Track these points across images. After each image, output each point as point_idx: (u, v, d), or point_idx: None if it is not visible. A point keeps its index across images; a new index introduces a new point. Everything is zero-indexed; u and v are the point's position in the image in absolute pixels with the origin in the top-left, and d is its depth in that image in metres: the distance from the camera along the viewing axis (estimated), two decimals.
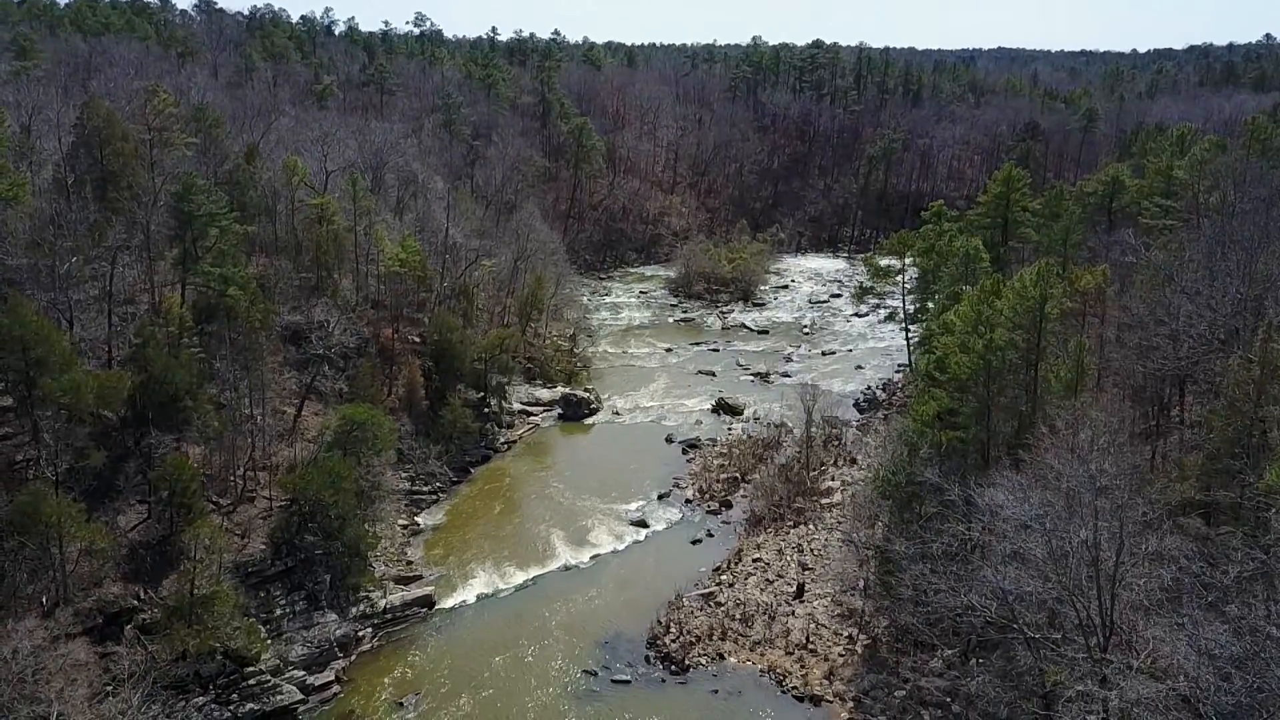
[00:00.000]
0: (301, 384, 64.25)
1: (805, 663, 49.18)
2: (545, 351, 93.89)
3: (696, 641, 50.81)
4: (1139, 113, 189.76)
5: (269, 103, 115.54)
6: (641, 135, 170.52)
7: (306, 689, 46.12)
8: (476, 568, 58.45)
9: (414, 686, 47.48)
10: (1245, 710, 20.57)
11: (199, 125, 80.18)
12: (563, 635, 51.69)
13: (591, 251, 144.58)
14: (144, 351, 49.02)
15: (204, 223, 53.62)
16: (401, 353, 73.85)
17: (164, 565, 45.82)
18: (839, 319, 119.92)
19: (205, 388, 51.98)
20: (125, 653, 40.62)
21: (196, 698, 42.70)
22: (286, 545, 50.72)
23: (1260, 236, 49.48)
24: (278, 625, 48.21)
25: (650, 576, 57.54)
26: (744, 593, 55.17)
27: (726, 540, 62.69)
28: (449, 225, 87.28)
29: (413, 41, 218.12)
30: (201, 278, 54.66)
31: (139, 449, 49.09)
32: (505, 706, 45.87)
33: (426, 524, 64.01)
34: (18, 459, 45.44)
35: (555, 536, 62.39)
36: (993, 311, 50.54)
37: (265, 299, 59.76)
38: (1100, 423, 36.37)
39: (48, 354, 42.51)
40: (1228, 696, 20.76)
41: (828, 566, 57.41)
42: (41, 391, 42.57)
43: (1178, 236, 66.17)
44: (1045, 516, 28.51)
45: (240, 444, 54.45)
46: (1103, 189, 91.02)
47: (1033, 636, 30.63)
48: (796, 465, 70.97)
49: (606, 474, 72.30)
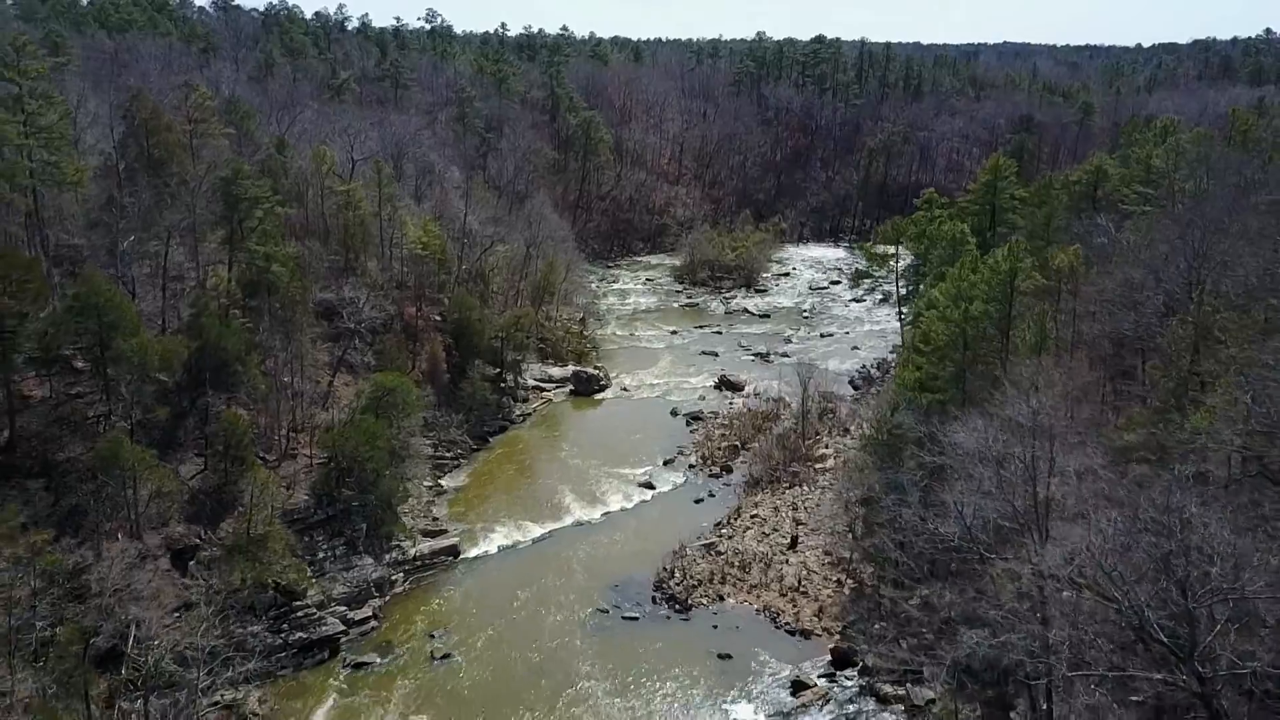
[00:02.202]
0: (333, 356, 69.41)
1: (797, 603, 54.27)
2: (557, 332, 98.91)
3: (698, 585, 55.92)
4: (1136, 106, 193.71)
5: (290, 97, 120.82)
6: (648, 128, 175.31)
7: (347, 622, 51.31)
8: (497, 523, 63.59)
9: (443, 622, 52.65)
10: (1133, 577, 25.51)
11: (231, 118, 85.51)
12: (577, 580, 56.82)
13: (599, 241, 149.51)
14: (199, 320, 54.22)
15: (250, 205, 58.66)
16: (424, 329, 78.96)
17: (220, 510, 51.03)
18: (838, 304, 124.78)
19: (252, 355, 57.10)
20: (190, 582, 45.82)
21: (253, 625, 47.90)
22: (326, 497, 55.91)
23: (1211, 218, 54.03)
24: (320, 567, 53.43)
25: (656, 530, 62.60)
26: (742, 544, 60.27)
27: (727, 500, 67.73)
28: (467, 212, 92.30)
29: (424, 37, 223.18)
30: (247, 255, 59.74)
31: (194, 408, 54.32)
32: (525, 639, 50.98)
33: (450, 486, 69.19)
34: (89, 415, 50.67)
35: (568, 496, 67.51)
36: (969, 285, 55.44)
37: (301, 276, 64.85)
38: (1052, 374, 41.27)
39: (120, 319, 47.67)
40: (1122, 567, 25.68)
41: (820, 522, 62.43)
42: (114, 352, 47.73)
43: (1148, 220, 70.74)
44: (993, 446, 33.43)
45: (282, 407, 59.62)
46: (1087, 178, 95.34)
47: (987, 555, 35.58)
48: (793, 435, 75.98)
49: (615, 443, 77.35)
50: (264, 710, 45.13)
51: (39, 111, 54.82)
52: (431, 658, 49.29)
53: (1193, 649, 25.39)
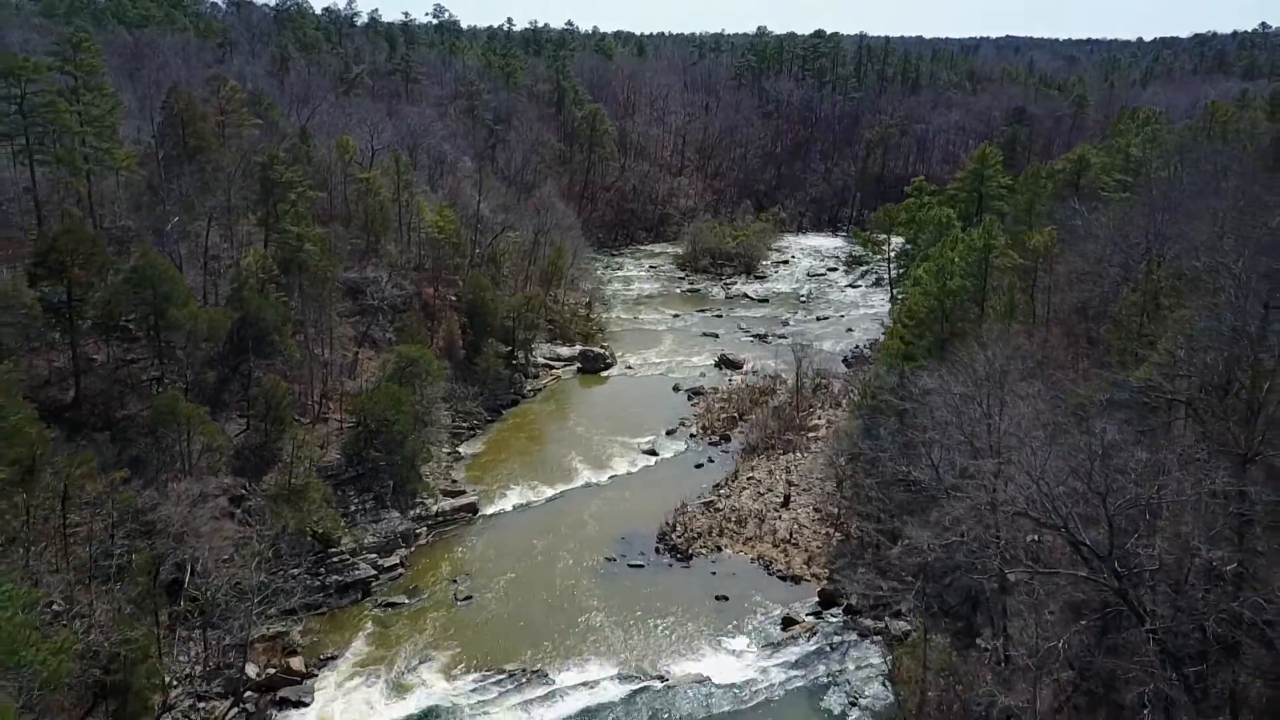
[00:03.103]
0: (358, 331, 74.37)
1: (789, 553, 59.16)
2: (564, 315, 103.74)
3: (698, 537, 60.82)
4: (1129, 99, 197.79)
5: (306, 90, 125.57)
6: (651, 121, 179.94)
7: (378, 568, 56.27)
8: (511, 484, 68.49)
9: (464, 569, 57.57)
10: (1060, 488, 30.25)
11: (256, 109, 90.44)
12: (586, 533, 61.73)
13: (604, 230, 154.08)
14: (240, 294, 59.12)
15: (284, 189, 63.50)
16: (441, 308, 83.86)
17: (262, 465, 56.03)
18: (834, 290, 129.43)
19: (287, 326, 62.02)
20: (239, 527, 50.81)
21: (294, 569, 52.83)
22: (356, 456, 60.85)
23: (1174, 200, 58.67)
24: (352, 519, 58.40)
25: (660, 491, 67.42)
26: (739, 502, 65.15)
27: (725, 465, 72.58)
28: (480, 199, 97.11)
29: (432, 32, 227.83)
30: (281, 235, 64.61)
31: (237, 374, 59.28)
32: (539, 583, 55.90)
33: (467, 453, 74.08)
34: (143, 378, 55.64)
35: (578, 461, 72.40)
36: (949, 262, 60.24)
37: (329, 256, 69.76)
38: (1017, 336, 46.04)
39: (173, 290, 52.58)
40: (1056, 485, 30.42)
41: (810, 483, 67.28)
42: (168, 320, 52.64)
43: (1121, 203, 75.35)
44: (953, 388, 38.15)
45: (314, 375, 64.56)
46: (1070, 167, 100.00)
47: (953, 492, 40.36)
48: (788, 407, 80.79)
49: (621, 415, 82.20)
50: (306, 641, 50.10)
51: (92, 103, 59.58)
52: (454, 599, 54.21)
53: (1110, 550, 30.16)
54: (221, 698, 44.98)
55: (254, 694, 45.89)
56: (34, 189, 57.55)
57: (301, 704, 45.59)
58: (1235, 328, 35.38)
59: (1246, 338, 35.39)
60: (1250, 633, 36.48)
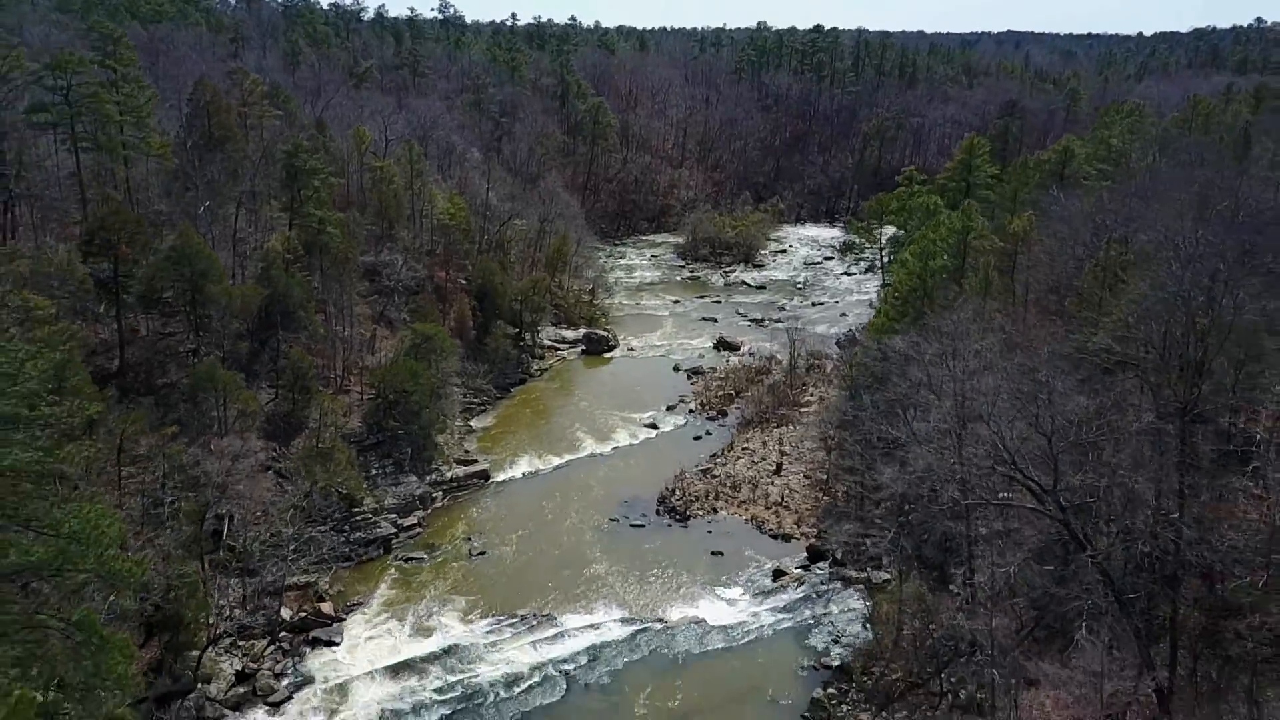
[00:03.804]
0: (375, 310, 78.61)
1: (780, 514, 63.44)
2: (569, 300, 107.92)
3: (695, 501, 65.11)
4: (1122, 93, 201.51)
5: (317, 83, 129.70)
6: (652, 114, 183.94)
7: (398, 527, 60.57)
8: (520, 455, 72.76)
9: (478, 529, 61.86)
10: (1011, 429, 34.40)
11: (274, 101, 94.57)
12: (591, 497, 66.01)
13: (607, 221, 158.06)
14: (269, 272, 63.34)
15: (308, 175, 67.68)
16: (452, 291, 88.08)
17: (291, 431, 60.33)
18: (830, 277, 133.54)
19: (311, 303, 66.27)
20: (272, 484, 55.14)
21: (320, 526, 57.16)
22: (376, 425, 65.14)
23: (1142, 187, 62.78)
24: (374, 482, 62.68)
25: (660, 461, 71.67)
26: (734, 470, 69.40)
27: (722, 437, 76.80)
28: (488, 187, 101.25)
29: (437, 26, 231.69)
30: (305, 219, 68.81)
31: (265, 347, 63.55)
32: (547, 541, 60.21)
33: (478, 426, 78.36)
34: (180, 350, 59.92)
35: (583, 434, 76.66)
36: (931, 243, 64.37)
37: (348, 239, 73.96)
38: (990, 311, 50.17)
39: (209, 267, 56.83)
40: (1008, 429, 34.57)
41: (801, 452, 71.51)
42: (205, 296, 56.91)
43: (1096, 190, 79.41)
44: (924, 351, 42.32)
45: (336, 349, 68.81)
46: (1056, 157, 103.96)
47: (925, 442, 44.56)
48: (782, 385, 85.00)
49: (623, 393, 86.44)
50: (334, 590, 54.39)
51: (130, 94, 63.78)
52: (469, 554, 58.53)
53: (1055, 484, 34.35)
54: (259, 636, 49.32)
55: (288, 634, 50.18)
56: (79, 174, 61.78)
57: (332, 643, 49.91)
58: (1175, 294, 39.55)
59: (1185, 303, 39.59)
60: (1190, 570, 40.89)
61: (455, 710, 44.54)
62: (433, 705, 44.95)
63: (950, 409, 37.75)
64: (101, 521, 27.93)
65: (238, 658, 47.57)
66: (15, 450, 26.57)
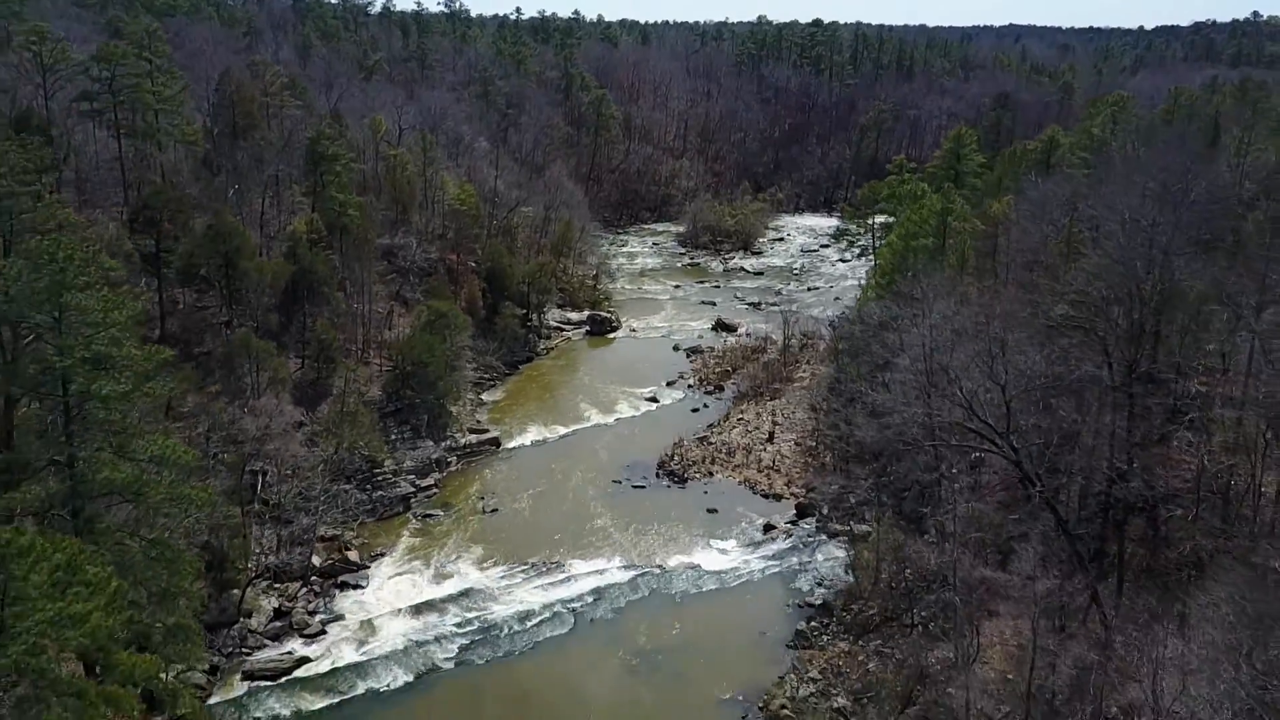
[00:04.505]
0: (391, 290, 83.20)
1: (771, 477, 68.04)
2: (574, 284, 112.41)
3: (693, 465, 69.73)
4: (1115, 86, 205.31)
5: (329, 76, 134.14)
6: (654, 106, 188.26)
7: (416, 487, 65.20)
8: (529, 425, 77.37)
9: (490, 489, 66.51)
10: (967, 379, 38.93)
11: (293, 92, 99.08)
12: (596, 462, 70.64)
13: (610, 210, 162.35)
14: (295, 251, 67.93)
15: (330, 161, 72.23)
16: (463, 273, 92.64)
17: (317, 397, 64.99)
18: (826, 264, 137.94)
19: (334, 280, 70.88)
20: (304, 441, 59.83)
21: (345, 484, 61.83)
22: (395, 394, 69.78)
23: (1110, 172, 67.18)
24: (393, 446, 67.32)
25: (660, 431, 76.22)
26: (729, 437, 74.01)
27: (718, 410, 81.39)
28: (497, 175, 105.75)
29: (444, 20, 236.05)
30: (327, 202, 73.38)
31: (293, 320, 68.18)
32: (555, 499, 64.86)
33: (488, 399, 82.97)
34: (215, 321, 64.59)
35: (587, 407, 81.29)
36: (913, 225, 68.86)
37: (368, 221, 78.55)
38: (966, 286, 54.67)
39: (242, 244, 61.47)
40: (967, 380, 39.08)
41: (793, 422, 76.09)
42: (238, 271, 61.53)
43: (1074, 175, 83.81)
44: (899, 317, 46.87)
45: (356, 324, 73.43)
46: (1041, 146, 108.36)
47: (898, 398, 49.13)
48: (776, 362, 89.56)
49: (626, 370, 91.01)
50: (359, 542, 59.11)
51: (164, 84, 68.35)
52: (483, 511, 63.17)
53: (1008, 428, 38.88)
54: (293, 580, 54.00)
55: (318, 579, 54.87)
56: (121, 157, 66.34)
57: (359, 586, 54.60)
58: (1120, 262, 44.09)
59: (1129, 271, 44.12)
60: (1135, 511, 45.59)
61: (473, 641, 49.23)
62: (452, 637, 49.63)
63: (919, 360, 42.28)
64: (176, 450, 32.54)
65: (274, 597, 52.32)
66: (108, 383, 31.14)
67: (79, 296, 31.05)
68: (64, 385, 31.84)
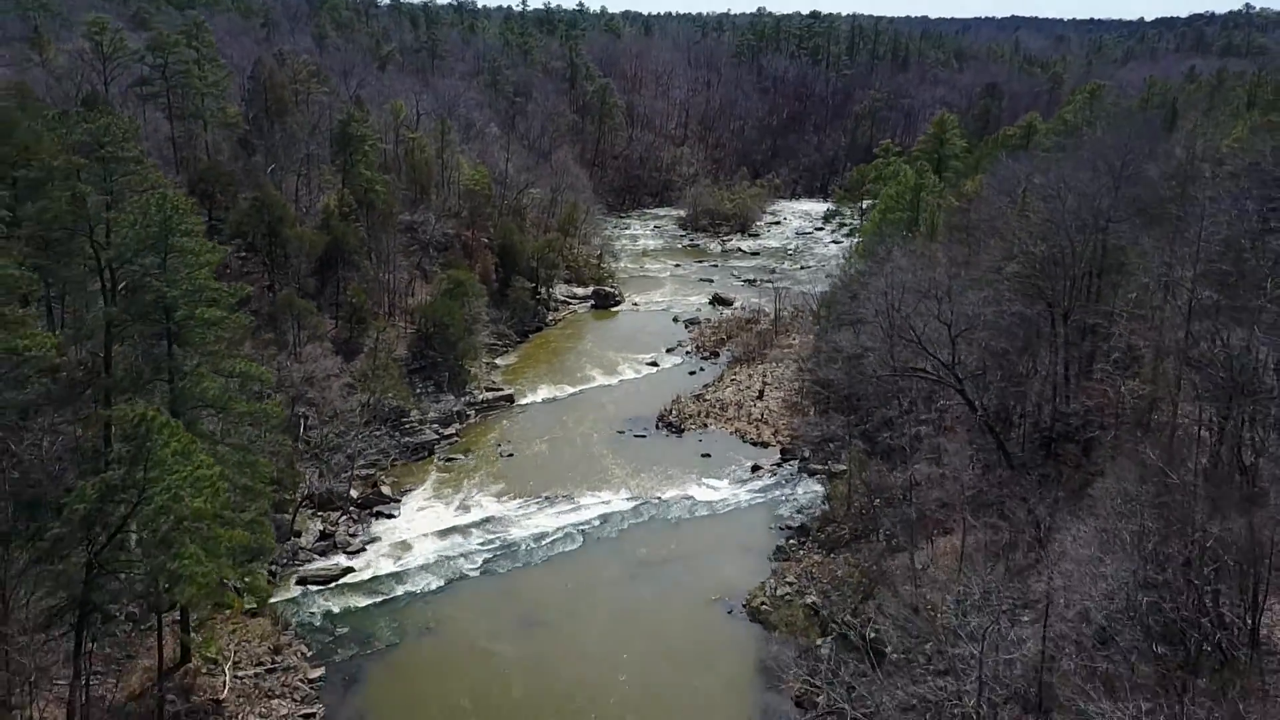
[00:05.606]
0: (411, 262, 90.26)
1: (760, 428, 75.16)
2: (579, 262, 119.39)
3: (689, 418, 76.83)
4: (1105, 76, 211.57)
5: (345, 65, 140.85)
6: (657, 95, 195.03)
7: (439, 434, 72.38)
8: (540, 384, 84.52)
9: (506, 437, 73.65)
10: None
11: (318, 79, 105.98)
12: (602, 415, 77.78)
13: (613, 195, 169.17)
14: (329, 222, 74.97)
15: (359, 141, 79.19)
16: (477, 248, 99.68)
17: (350, 354, 72.09)
18: (819, 245, 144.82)
19: (362, 250, 77.92)
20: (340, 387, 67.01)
21: (377, 430, 68.97)
22: (419, 353, 76.94)
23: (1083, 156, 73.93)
24: (418, 399, 74.49)
25: (660, 390, 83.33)
26: (723, 395, 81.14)
27: (714, 372, 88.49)
28: (507, 158, 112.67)
29: (452, 12, 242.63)
30: (355, 179, 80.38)
31: (326, 285, 75.27)
32: (565, 446, 71.99)
33: (501, 363, 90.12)
34: (258, 284, 71.64)
35: (593, 370, 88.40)
36: (891, 200, 75.74)
37: (392, 197, 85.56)
38: (932, 249, 61.61)
39: (284, 214, 68.48)
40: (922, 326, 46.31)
41: (781, 382, 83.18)
42: (280, 238, 68.58)
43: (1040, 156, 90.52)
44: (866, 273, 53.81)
45: (383, 290, 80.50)
46: (1020, 131, 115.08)
47: (864, 332, 56.12)
48: (769, 331, 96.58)
49: (628, 338, 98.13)
50: (390, 480, 66.30)
51: (209, 71, 75.27)
52: (501, 455, 70.36)
53: (953, 360, 45.91)
54: (334, 509, 61.21)
55: (356, 510, 62.11)
56: (173, 137, 73.33)
57: (392, 515, 61.77)
58: (1057, 224, 51.04)
59: (1066, 230, 51.06)
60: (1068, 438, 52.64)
61: (495, 555, 56.46)
62: (477, 553, 56.85)
63: (881, 309, 49.40)
64: (256, 369, 39.67)
65: (319, 522, 59.56)
66: (208, 309, 38.18)
67: (183, 240, 38.03)
68: (168, 314, 38.88)
